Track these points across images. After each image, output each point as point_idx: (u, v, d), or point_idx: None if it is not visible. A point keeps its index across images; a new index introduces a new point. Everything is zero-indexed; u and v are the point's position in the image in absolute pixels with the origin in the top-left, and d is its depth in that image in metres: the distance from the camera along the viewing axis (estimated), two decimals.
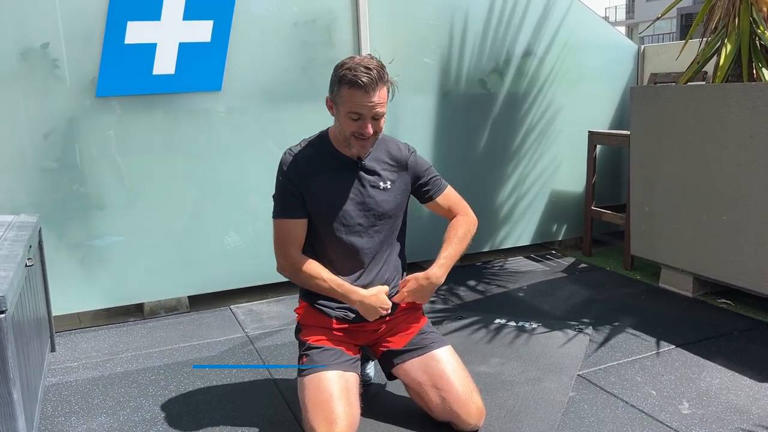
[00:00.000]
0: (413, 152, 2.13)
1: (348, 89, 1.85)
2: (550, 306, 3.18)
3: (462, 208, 2.19)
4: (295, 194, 1.99)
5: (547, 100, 3.94)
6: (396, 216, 2.09)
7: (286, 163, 2.00)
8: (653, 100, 3.25)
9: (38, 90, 2.86)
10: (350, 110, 1.87)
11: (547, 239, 4.18)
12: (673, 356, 2.57)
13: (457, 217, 2.16)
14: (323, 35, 3.35)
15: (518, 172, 3.96)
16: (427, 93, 3.64)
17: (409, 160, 2.09)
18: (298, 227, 2.01)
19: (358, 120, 1.88)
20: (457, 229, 2.13)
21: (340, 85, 1.87)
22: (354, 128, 1.90)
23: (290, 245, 2.01)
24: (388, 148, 2.08)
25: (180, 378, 2.54)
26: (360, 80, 1.81)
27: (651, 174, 3.32)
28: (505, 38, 3.75)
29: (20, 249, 2.12)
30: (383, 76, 1.87)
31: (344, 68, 1.86)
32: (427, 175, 2.13)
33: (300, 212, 2.00)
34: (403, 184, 2.09)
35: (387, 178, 2.05)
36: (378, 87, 1.85)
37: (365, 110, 1.86)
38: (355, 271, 2.05)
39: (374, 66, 1.85)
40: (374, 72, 1.83)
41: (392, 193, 2.06)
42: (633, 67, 4.21)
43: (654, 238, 3.36)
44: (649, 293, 3.33)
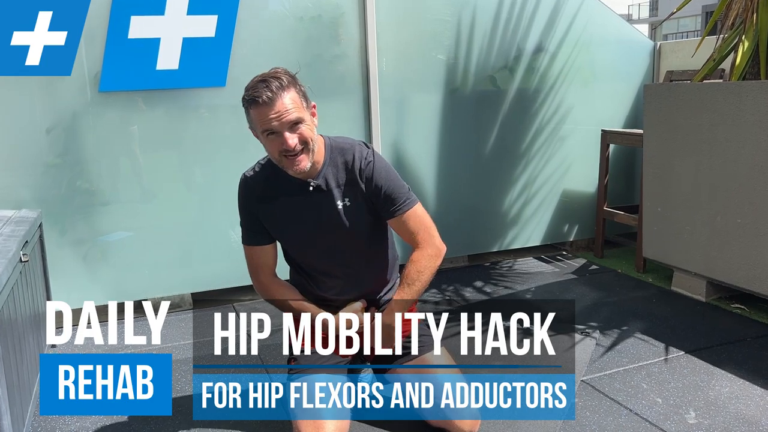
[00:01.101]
0: (369, 162, 1.88)
1: (253, 109, 1.76)
2: (557, 308, 3.10)
3: (422, 238, 1.93)
4: (256, 221, 1.95)
5: (558, 97, 3.86)
6: (366, 230, 1.97)
7: (242, 190, 1.97)
8: (667, 99, 3.16)
9: (41, 84, 2.85)
10: (263, 128, 1.77)
11: (557, 240, 4.10)
12: (682, 363, 2.49)
13: (414, 254, 1.93)
14: (329, 31, 3.30)
15: (528, 171, 3.88)
16: (435, 90, 3.57)
17: (360, 174, 1.89)
18: (265, 253, 1.98)
19: (274, 136, 1.77)
20: (410, 270, 1.91)
21: (246, 108, 1.79)
22: (277, 146, 1.78)
23: (259, 271, 1.99)
24: (345, 159, 1.90)
25: (177, 376, 2.51)
26: (258, 98, 1.72)
27: (664, 174, 3.23)
28: (516, 34, 3.67)
29: (14, 244, 2.10)
30: (285, 82, 1.75)
31: (246, 91, 1.78)
32: (383, 190, 1.89)
33: (263, 239, 1.97)
34: (362, 197, 1.92)
35: (344, 195, 1.91)
36: (278, 95, 1.72)
37: (275, 124, 1.74)
38: (335, 288, 2.01)
39: (270, 76, 1.75)
40: (272, 83, 1.72)
41: (352, 209, 1.93)
42: (648, 65, 4.11)
43: (667, 240, 3.27)
44: (660, 297, 3.24)
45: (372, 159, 1.88)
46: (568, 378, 1.98)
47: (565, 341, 2.68)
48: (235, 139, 3.20)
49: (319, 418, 1.82)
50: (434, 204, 3.65)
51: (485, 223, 3.83)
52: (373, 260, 2.05)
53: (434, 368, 1.95)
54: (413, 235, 1.93)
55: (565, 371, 2.40)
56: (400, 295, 1.91)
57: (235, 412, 2.22)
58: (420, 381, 1.93)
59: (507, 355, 2.55)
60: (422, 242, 1.94)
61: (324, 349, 1.93)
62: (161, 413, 1.88)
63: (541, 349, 2.62)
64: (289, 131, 1.75)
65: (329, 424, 1.81)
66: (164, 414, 1.89)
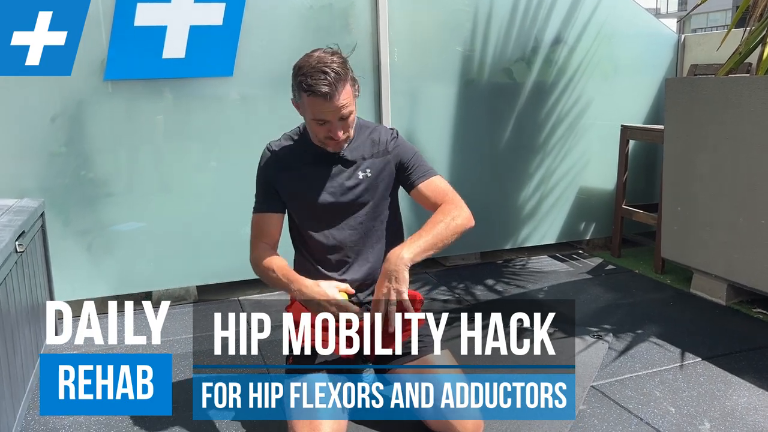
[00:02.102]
0: (395, 137, 1.99)
1: (308, 98, 1.76)
2: (570, 309, 3.00)
3: (451, 198, 1.92)
4: (271, 189, 1.96)
5: (577, 91, 3.74)
6: (378, 204, 1.97)
7: (264, 159, 1.98)
8: (689, 93, 3.03)
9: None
10: (314, 117, 1.80)
11: (573, 238, 3.98)
12: (698, 370, 2.38)
13: (444, 205, 1.90)
14: (340, 20, 3.22)
15: (544, 167, 3.77)
16: (448, 82, 3.47)
17: (389, 145, 1.97)
18: (272, 222, 1.96)
19: (324, 124, 1.80)
20: (438, 216, 1.84)
21: (300, 91, 1.79)
22: (323, 133, 1.83)
23: (261, 239, 1.96)
24: (370, 134, 1.98)
25: (176, 372, 2.47)
26: (319, 90, 1.72)
27: (685, 172, 3.11)
28: (534, 25, 3.56)
29: (8, 235, 2.06)
30: (343, 74, 1.75)
31: (301, 74, 1.76)
32: (411, 159, 1.97)
33: (275, 206, 1.96)
34: (385, 170, 1.97)
35: (366, 166, 1.95)
36: (339, 90, 1.74)
37: (330, 116, 1.78)
38: (341, 267, 1.96)
39: (332, 68, 1.73)
40: (332, 75, 1.72)
41: (372, 180, 1.95)
42: (672, 58, 3.97)
43: (686, 241, 3.15)
44: (678, 299, 3.12)
45: (397, 136, 1.98)
46: (568, 378, 1.89)
47: (576, 344, 2.58)
48: (242, 129, 3.15)
49: (316, 418, 1.76)
50: None
51: (499, 220, 3.73)
52: (382, 241, 2.00)
53: (436, 368, 1.87)
54: (439, 199, 1.90)
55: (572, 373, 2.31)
56: (423, 232, 1.80)
57: (235, 411, 2.17)
58: (420, 381, 1.85)
59: (507, 356, 2.46)
60: (452, 201, 1.91)
61: (324, 349, 1.86)
62: (161, 413, 1.85)
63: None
64: (339, 122, 1.80)
65: (325, 424, 1.75)
66: (164, 414, 1.87)
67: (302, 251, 2.02)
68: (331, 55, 1.77)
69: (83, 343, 1.86)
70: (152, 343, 2.00)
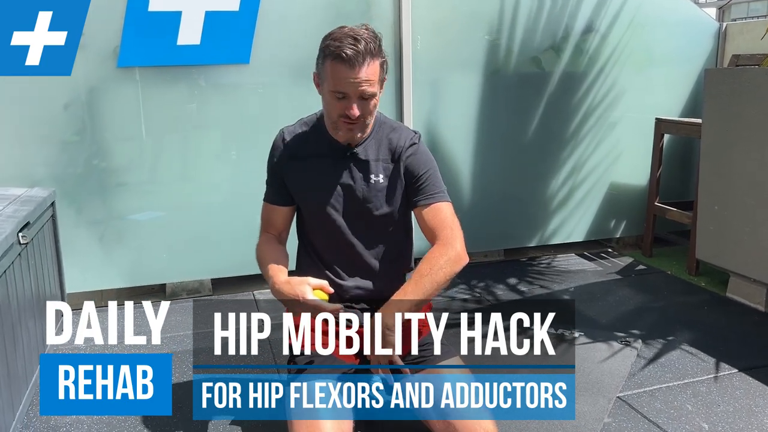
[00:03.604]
0: (414, 144, 1.79)
1: (331, 63, 1.61)
2: (597, 312, 2.86)
3: (445, 236, 1.74)
4: (278, 179, 1.84)
5: (609, 82, 3.57)
6: (389, 214, 1.83)
7: (275, 145, 1.86)
8: (730, 85, 2.85)
9: None
10: (334, 88, 1.63)
11: (602, 236, 3.82)
12: (735, 382, 2.22)
13: (431, 250, 1.73)
14: (360, 6, 3.10)
15: (573, 161, 3.61)
16: (474, 71, 3.33)
17: (404, 153, 1.78)
18: (277, 214, 1.88)
19: (342, 99, 1.64)
20: (429, 265, 1.69)
21: (324, 58, 1.64)
22: (339, 110, 1.65)
23: (266, 228, 1.91)
24: (389, 134, 1.81)
25: (183, 369, 2.40)
26: (344, 52, 1.57)
27: (723, 169, 2.93)
28: (564, 12, 3.39)
29: (9, 226, 2.00)
30: (373, 49, 1.60)
31: (329, 39, 1.63)
32: (420, 176, 1.78)
33: (281, 199, 1.86)
34: (397, 178, 1.81)
35: (379, 171, 1.79)
36: (366, 61, 1.59)
37: (350, 88, 1.61)
38: (342, 270, 1.84)
39: (364, 37, 1.59)
40: (362, 44, 1.57)
41: (383, 187, 1.80)
42: (712, 48, 3.77)
43: (723, 242, 2.97)
44: (713, 304, 2.95)
45: (417, 143, 1.80)
46: (568, 378, 1.77)
47: (603, 350, 2.44)
48: (259, 119, 3.06)
49: (316, 418, 1.67)
50: (470, 193, 3.43)
51: (524, 216, 3.59)
52: (388, 249, 1.88)
53: (444, 379, 1.74)
54: (436, 230, 1.75)
55: (599, 386, 2.17)
56: (404, 293, 1.68)
57: (235, 411, 2.10)
58: (421, 381, 1.74)
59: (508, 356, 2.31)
60: (443, 240, 1.73)
61: (324, 349, 1.76)
62: (161, 413, 1.80)
63: (576, 358, 2.41)
64: (358, 101, 1.64)
65: (326, 424, 1.65)
66: (164, 414, 1.81)
67: (305, 244, 1.92)
68: (365, 29, 1.64)
69: (83, 342, 1.82)
70: (153, 343, 1.95)
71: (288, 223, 1.91)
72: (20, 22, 2.64)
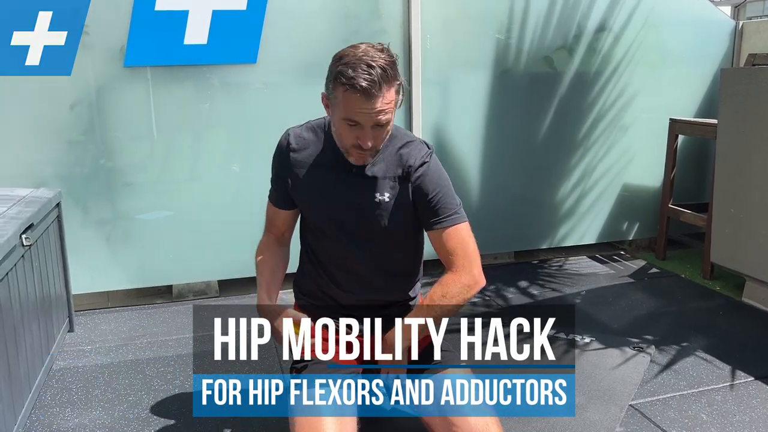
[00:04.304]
0: (425, 163, 1.68)
1: (344, 92, 1.51)
2: (609, 317, 2.80)
3: (460, 262, 1.68)
4: (281, 183, 1.77)
5: (622, 82, 3.51)
6: (394, 232, 1.74)
7: (281, 147, 1.76)
8: (747, 85, 2.79)
9: None
10: (346, 116, 1.53)
11: (615, 238, 3.76)
12: (751, 391, 2.16)
13: (445, 276, 1.68)
14: (369, 5, 3.06)
15: (585, 162, 3.56)
16: (483, 71, 3.28)
17: (414, 174, 1.67)
18: (280, 216, 1.83)
19: (355, 127, 1.55)
20: (434, 292, 1.65)
21: (335, 83, 1.53)
22: (351, 139, 1.56)
23: (269, 229, 1.87)
24: (400, 149, 1.69)
25: (188, 372, 2.37)
26: (359, 84, 1.47)
27: (739, 170, 2.87)
28: (576, 10, 3.33)
29: (12, 228, 1.98)
30: (390, 75, 1.50)
31: (342, 63, 1.52)
32: (432, 198, 1.68)
33: (284, 203, 1.80)
34: (404, 198, 1.70)
35: (385, 189, 1.69)
36: (382, 90, 1.49)
37: (364, 119, 1.51)
38: (348, 283, 1.78)
39: (379, 64, 1.49)
40: (377, 72, 1.47)
41: (390, 207, 1.70)
42: (728, 47, 3.69)
43: (739, 245, 2.91)
44: (728, 309, 2.88)
45: (428, 161, 1.69)
46: (568, 377, 1.72)
47: (615, 357, 2.39)
48: (266, 119, 3.02)
49: (318, 414, 1.62)
50: (480, 195, 3.38)
51: (535, 217, 3.53)
52: (392, 264, 1.80)
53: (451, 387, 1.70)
54: (450, 255, 1.67)
55: (611, 393, 2.12)
56: (414, 317, 1.64)
57: (235, 409, 2.06)
58: (434, 404, 1.69)
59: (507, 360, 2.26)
60: (458, 266, 1.67)
61: (324, 355, 1.72)
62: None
63: (588, 364, 2.36)
64: (372, 129, 1.54)
65: (327, 421, 1.61)
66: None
67: (307, 251, 1.84)
68: (380, 51, 1.54)
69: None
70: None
71: (291, 225, 1.87)
72: (20, 22, 2.64)
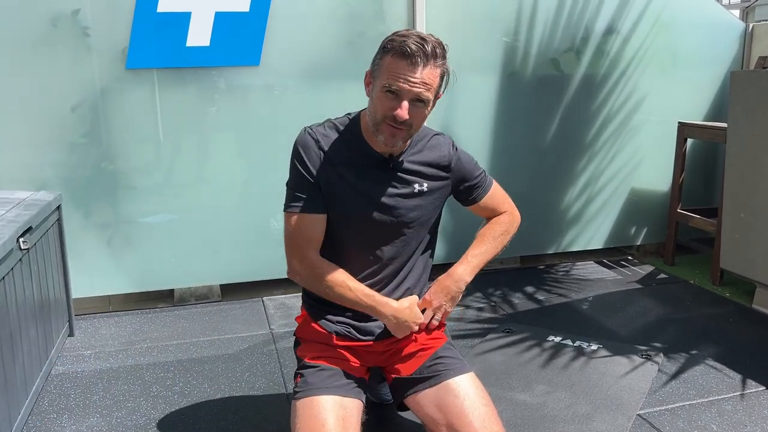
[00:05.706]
0: (456, 150, 1.79)
1: (391, 57, 1.51)
2: (616, 324, 2.75)
3: (507, 207, 1.91)
4: (315, 185, 1.66)
5: (630, 85, 3.46)
6: (426, 224, 1.77)
7: (306, 147, 1.66)
8: (757, 88, 2.74)
9: (66, 60, 2.71)
10: (387, 82, 1.51)
11: (623, 243, 3.71)
12: (762, 401, 2.11)
13: (500, 216, 1.88)
14: (374, 7, 3.03)
15: (593, 166, 3.51)
16: (489, 73, 3.25)
17: (452, 162, 1.77)
18: (317, 224, 1.68)
19: (393, 98, 1.52)
20: (495, 228, 1.85)
21: (384, 52, 1.54)
22: (387, 108, 1.53)
23: (308, 246, 1.68)
24: (431, 148, 1.74)
25: (188, 377, 2.33)
26: (408, 47, 1.48)
27: (750, 174, 2.81)
28: (584, 12, 3.29)
29: (9, 231, 1.95)
30: (438, 54, 1.52)
31: (394, 34, 1.55)
32: (473, 175, 1.82)
33: (320, 206, 1.67)
34: (441, 189, 1.77)
35: (423, 180, 1.72)
36: (427, 62, 1.50)
37: (405, 86, 1.50)
38: (374, 279, 1.74)
39: (431, 40, 1.51)
40: (429, 45, 1.49)
41: (427, 198, 1.73)
42: (738, 49, 3.64)
43: (749, 251, 2.85)
44: (739, 316, 2.83)
45: (458, 150, 1.81)
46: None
47: (623, 365, 2.34)
48: (269, 122, 2.99)
49: (317, 394, 1.62)
50: None
51: (541, 222, 3.49)
52: (417, 261, 1.81)
53: (457, 397, 1.65)
54: (498, 209, 1.89)
55: (618, 402, 2.07)
56: (479, 249, 1.80)
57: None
58: (441, 413, 1.64)
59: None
60: (509, 213, 1.91)
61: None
62: None
63: (595, 372, 2.31)
64: (410, 102, 1.53)
65: (327, 399, 1.62)
66: None
67: (328, 248, 1.72)
68: (434, 37, 1.56)
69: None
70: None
71: (323, 234, 1.72)
72: None
